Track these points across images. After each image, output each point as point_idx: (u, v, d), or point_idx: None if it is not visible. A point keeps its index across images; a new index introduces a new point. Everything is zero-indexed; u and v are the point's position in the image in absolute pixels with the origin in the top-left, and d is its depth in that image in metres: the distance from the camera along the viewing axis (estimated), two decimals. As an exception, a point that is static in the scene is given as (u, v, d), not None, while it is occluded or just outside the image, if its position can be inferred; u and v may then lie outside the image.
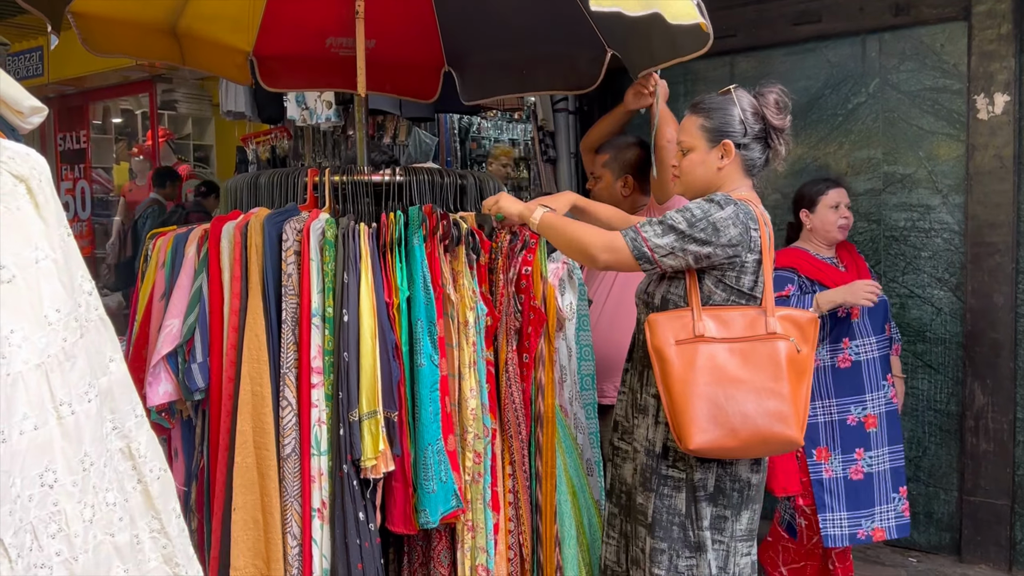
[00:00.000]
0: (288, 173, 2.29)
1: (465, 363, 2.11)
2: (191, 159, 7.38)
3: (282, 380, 1.96)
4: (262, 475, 1.93)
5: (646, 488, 2.17)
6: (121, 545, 1.32)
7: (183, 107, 7.34)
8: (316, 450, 1.94)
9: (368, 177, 2.29)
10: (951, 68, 3.76)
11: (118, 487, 1.34)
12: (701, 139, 2.16)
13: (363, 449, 1.92)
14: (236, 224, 2.06)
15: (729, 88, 2.17)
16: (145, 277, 2.25)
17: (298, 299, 2.00)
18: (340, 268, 1.98)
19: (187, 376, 2.02)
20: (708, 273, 2.08)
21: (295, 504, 1.95)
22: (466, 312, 2.12)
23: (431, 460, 2.00)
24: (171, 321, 2.05)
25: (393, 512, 2.02)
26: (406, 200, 2.28)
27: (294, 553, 1.94)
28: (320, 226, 2.02)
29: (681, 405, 2.00)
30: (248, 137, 6.32)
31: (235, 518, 1.91)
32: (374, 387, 1.93)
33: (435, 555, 2.18)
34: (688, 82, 4.53)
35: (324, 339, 1.98)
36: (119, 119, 7.72)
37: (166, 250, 2.19)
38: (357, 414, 1.92)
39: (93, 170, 7.13)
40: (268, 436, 1.93)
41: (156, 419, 2.11)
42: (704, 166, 2.16)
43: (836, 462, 3.08)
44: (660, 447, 2.15)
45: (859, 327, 3.12)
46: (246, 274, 2.02)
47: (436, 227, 2.10)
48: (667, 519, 2.14)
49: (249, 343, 1.95)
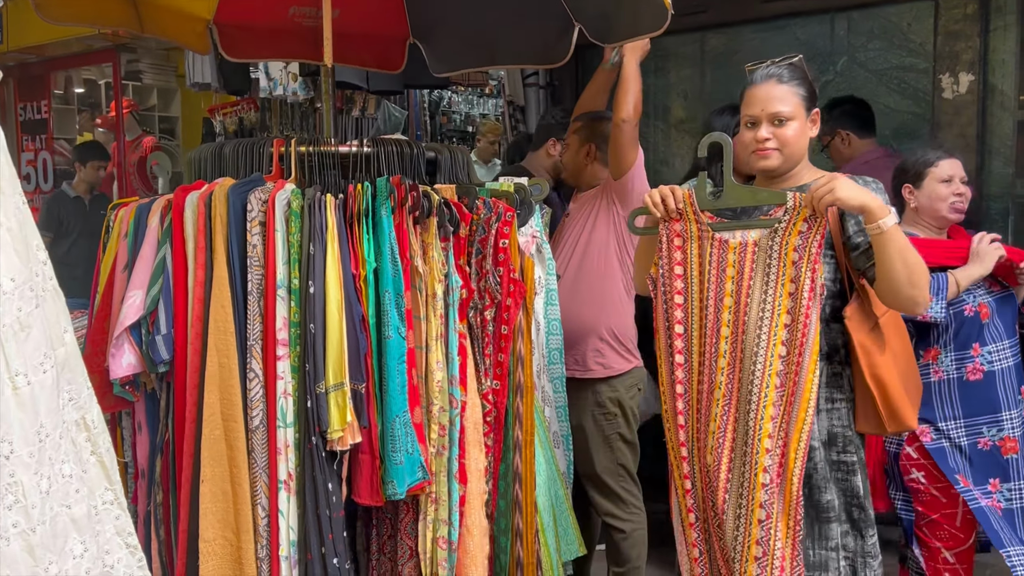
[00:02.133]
0: (253, 143, 2.26)
1: (432, 335, 2.10)
2: (156, 131, 7.26)
3: (249, 352, 1.95)
4: (230, 447, 1.91)
5: (828, 481, 2.14)
6: (78, 517, 1.31)
7: (148, 78, 7.20)
8: (282, 422, 1.93)
9: (335, 148, 2.26)
10: (918, 47, 3.79)
11: (75, 459, 1.33)
12: (801, 108, 2.11)
13: (330, 421, 1.91)
14: (200, 194, 2.03)
15: (797, 56, 2.15)
16: (107, 249, 2.21)
17: (263, 270, 1.97)
18: (306, 239, 1.96)
19: (151, 348, 1.99)
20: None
21: (263, 476, 1.94)
22: (435, 284, 2.11)
23: (399, 432, 2.00)
24: (134, 292, 2.02)
25: (360, 484, 2.01)
26: (374, 172, 2.25)
27: (263, 524, 1.93)
28: (286, 197, 2.00)
29: (894, 389, 2.07)
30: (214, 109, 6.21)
31: (204, 490, 1.90)
32: (341, 359, 1.92)
33: (402, 527, 2.19)
34: (658, 58, 4.53)
35: (290, 311, 1.96)
36: (82, 89, 7.57)
37: (128, 221, 2.15)
38: (324, 386, 1.91)
39: (55, 141, 6.99)
40: (236, 408, 1.92)
41: (120, 392, 2.08)
42: (804, 136, 2.14)
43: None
44: (826, 436, 2.14)
45: (990, 329, 2.60)
46: (210, 245, 1.99)
47: (405, 198, 2.07)
48: (847, 503, 2.16)
49: (215, 315, 1.93)
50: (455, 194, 2.25)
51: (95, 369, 2.08)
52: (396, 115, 5.24)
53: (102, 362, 2.08)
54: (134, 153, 6.46)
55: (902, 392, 2.05)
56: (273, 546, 1.93)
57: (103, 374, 2.07)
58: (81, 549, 1.30)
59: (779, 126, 2.09)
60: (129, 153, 6.43)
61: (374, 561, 2.28)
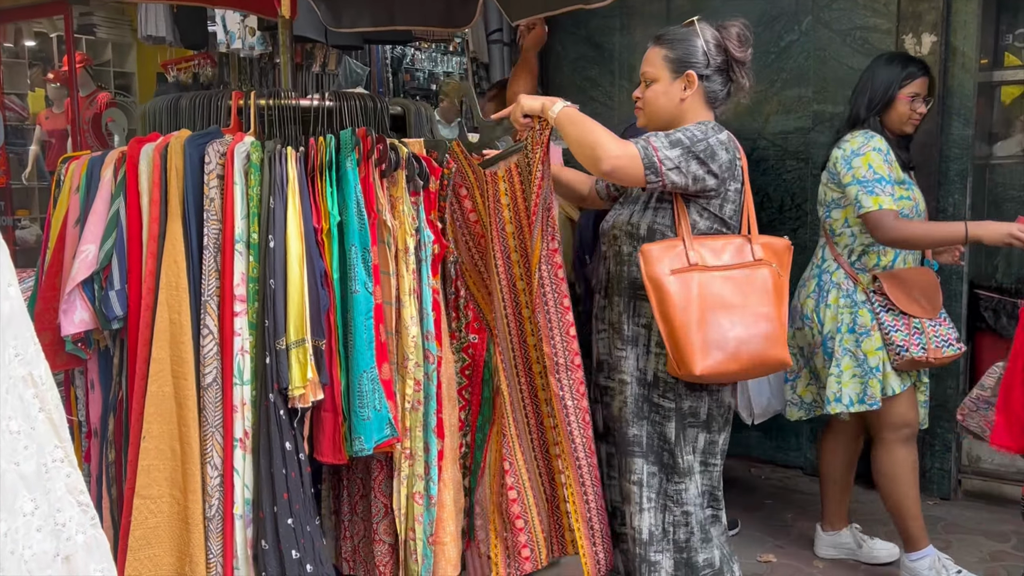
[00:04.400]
0: (211, 96, 2.19)
1: (405, 290, 2.07)
2: (111, 86, 7.08)
3: (203, 308, 1.90)
4: (180, 405, 1.87)
5: (638, 417, 2.22)
6: (27, 474, 1.27)
7: (102, 31, 7.01)
8: (239, 380, 1.90)
9: (296, 101, 2.20)
10: (881, 7, 3.79)
11: (22, 415, 1.29)
12: (664, 70, 2.18)
13: (291, 378, 1.88)
14: (155, 146, 1.96)
15: (692, 20, 2.19)
16: (58, 202, 2.14)
17: (220, 224, 1.92)
18: (266, 192, 1.91)
19: (104, 304, 1.94)
20: (693, 202, 2.12)
21: (216, 435, 1.90)
22: (406, 239, 2.07)
23: (366, 388, 1.97)
24: (87, 247, 1.96)
25: (322, 442, 2.00)
26: (336, 126, 2.20)
27: (214, 483, 1.90)
28: (245, 149, 1.94)
29: (682, 333, 2.04)
30: (169, 63, 6.07)
31: (148, 446, 1.86)
32: (302, 315, 1.89)
33: (375, 485, 2.19)
34: (624, 16, 4.48)
35: (248, 266, 1.92)
36: (32, 43, 7.35)
37: (80, 174, 2.08)
38: (284, 342, 1.88)
39: (6, 96, 6.79)
40: (187, 365, 1.87)
41: (72, 350, 2.04)
42: (667, 96, 2.18)
43: None
44: (651, 376, 2.20)
45: None
46: (165, 198, 1.94)
47: (371, 151, 2.03)
48: (658, 445, 2.22)
49: (167, 269, 1.88)
50: (424, 148, 2.22)
51: (47, 326, 2.04)
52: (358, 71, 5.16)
53: (54, 319, 2.03)
54: (88, 109, 6.30)
55: (687, 335, 2.03)
56: (227, 504, 1.90)
57: (55, 331, 2.02)
58: (32, 507, 1.27)
59: (648, 86, 2.21)
60: (83, 109, 6.27)
61: (345, 522, 2.29)
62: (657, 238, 2.13)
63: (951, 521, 3.57)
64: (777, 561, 3.24)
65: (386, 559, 2.20)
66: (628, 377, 2.23)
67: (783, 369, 2.20)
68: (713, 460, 2.24)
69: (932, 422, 3.82)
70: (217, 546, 1.89)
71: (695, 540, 2.22)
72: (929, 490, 3.83)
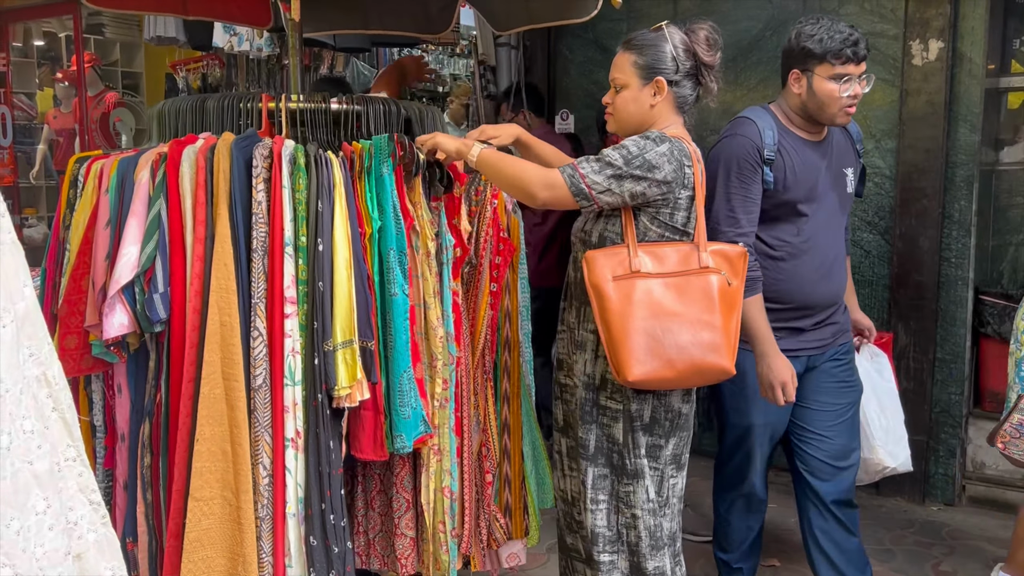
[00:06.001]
0: (239, 97, 2.20)
1: (430, 292, 2.12)
2: (119, 86, 7.10)
3: (253, 311, 1.91)
4: (231, 406, 1.88)
5: (584, 420, 2.26)
6: (40, 473, 1.28)
7: (110, 31, 7.03)
8: (290, 380, 1.92)
9: (327, 105, 2.21)
10: (889, 13, 3.81)
11: (36, 414, 1.30)
12: (634, 76, 2.19)
13: (337, 378, 1.90)
14: (199, 149, 1.96)
15: (661, 24, 2.20)
16: (80, 203, 2.10)
17: (268, 228, 1.93)
18: (313, 196, 1.93)
19: (148, 307, 1.91)
20: (643, 210, 2.12)
21: (265, 435, 1.92)
22: (427, 242, 2.12)
23: (405, 387, 2.02)
24: (128, 249, 1.93)
25: (362, 440, 2.02)
26: (364, 131, 2.22)
27: (264, 484, 1.91)
28: (290, 152, 1.96)
29: (619, 339, 2.06)
30: (177, 64, 6.09)
31: (200, 449, 1.86)
32: (349, 317, 1.92)
33: (398, 481, 2.23)
34: (630, 19, 4.50)
35: (297, 268, 1.94)
36: (41, 42, 7.37)
37: (109, 175, 2.05)
38: (331, 344, 1.91)
39: (14, 95, 6.81)
40: (237, 367, 1.88)
41: (100, 354, 2.00)
42: (637, 103, 2.20)
43: None
44: (599, 380, 2.23)
45: None
46: (210, 200, 1.94)
47: (405, 156, 2.07)
48: (607, 447, 2.25)
49: (217, 272, 1.88)
50: None
51: (72, 330, 2.01)
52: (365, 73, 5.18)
53: (80, 322, 2.00)
54: (96, 109, 6.32)
55: (623, 341, 2.05)
56: (277, 504, 1.92)
57: (82, 335, 2.00)
58: (44, 505, 1.28)
59: (618, 92, 2.22)
60: (91, 109, 6.28)
61: (359, 517, 2.32)
62: (607, 245, 2.16)
63: (955, 527, 3.58)
64: (781, 566, 3.25)
65: (408, 552, 2.24)
66: (577, 381, 2.28)
67: (724, 378, 2.17)
68: (656, 464, 2.22)
69: (936, 428, 3.83)
70: (268, 545, 1.92)
71: (643, 546, 2.24)
72: (933, 496, 3.84)
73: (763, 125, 2.49)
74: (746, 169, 2.45)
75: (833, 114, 2.48)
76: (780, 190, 2.49)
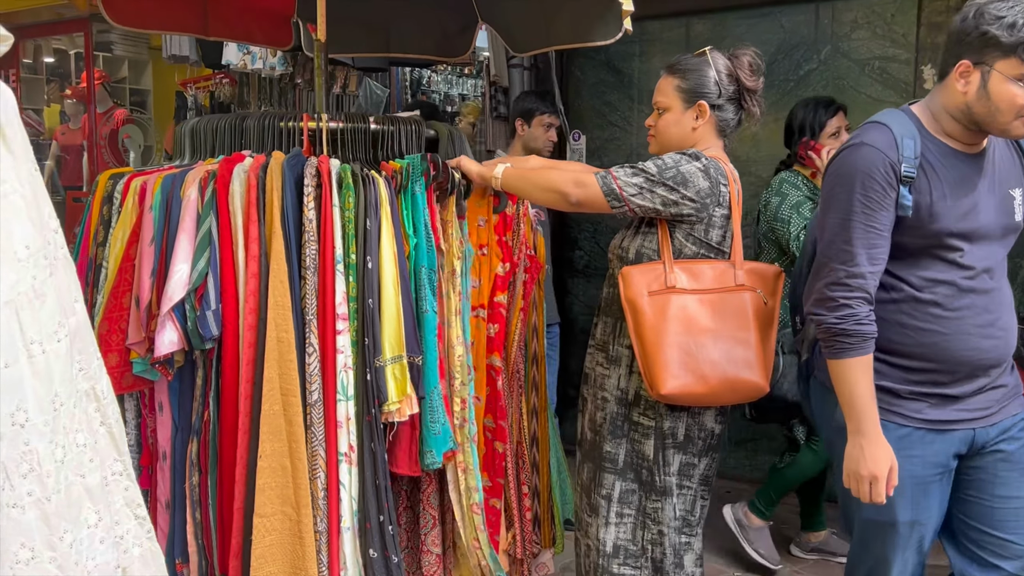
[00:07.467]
0: (279, 116, 2.21)
1: (452, 311, 2.16)
2: (127, 103, 7.14)
3: (308, 327, 1.94)
4: (289, 422, 1.90)
5: (615, 435, 2.27)
6: (92, 486, 1.30)
7: (119, 49, 7.08)
8: (343, 395, 1.94)
9: (367, 125, 2.24)
10: (900, 38, 3.85)
11: (87, 428, 1.32)
12: (677, 100, 2.23)
13: (388, 393, 1.94)
14: (250, 167, 1.99)
15: (704, 50, 2.25)
16: (117, 220, 2.10)
17: (319, 245, 1.96)
18: (361, 214, 1.96)
19: (201, 324, 1.92)
20: (678, 227, 2.14)
21: (321, 450, 1.94)
22: (453, 261, 2.16)
23: (436, 403, 2.05)
24: (179, 267, 1.94)
25: (399, 454, 2.05)
26: (396, 150, 2.26)
27: (321, 497, 1.94)
28: (337, 171, 2.00)
29: (653, 353, 2.08)
30: (187, 82, 6.13)
31: (262, 465, 1.88)
32: (399, 332, 1.96)
33: (424, 498, 2.25)
34: (643, 42, 4.54)
35: (348, 285, 1.97)
36: (51, 59, 7.41)
37: (153, 192, 2.05)
38: (382, 359, 1.94)
39: (24, 111, 6.85)
40: (294, 383, 1.90)
41: (141, 371, 2.01)
42: (679, 126, 2.23)
43: None
44: (632, 395, 2.25)
45: None
46: (262, 218, 1.96)
47: (438, 175, 2.11)
48: (636, 463, 2.25)
49: (274, 289, 1.91)
50: None
51: (114, 347, 2.01)
52: (378, 93, 5.21)
53: (122, 340, 2.00)
54: (105, 125, 6.35)
55: (656, 355, 2.06)
56: (332, 518, 1.94)
57: (123, 352, 2.00)
58: (95, 519, 1.29)
59: (660, 115, 2.26)
60: (100, 126, 6.32)
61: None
62: (644, 261, 2.17)
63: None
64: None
65: (434, 569, 2.26)
66: (609, 396, 2.27)
67: (757, 396, 2.16)
68: (688, 483, 2.24)
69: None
70: (325, 558, 1.94)
71: (668, 563, 2.25)
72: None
73: (901, 132, 1.91)
74: (874, 190, 1.87)
75: (1007, 124, 1.85)
76: (925, 217, 1.89)
